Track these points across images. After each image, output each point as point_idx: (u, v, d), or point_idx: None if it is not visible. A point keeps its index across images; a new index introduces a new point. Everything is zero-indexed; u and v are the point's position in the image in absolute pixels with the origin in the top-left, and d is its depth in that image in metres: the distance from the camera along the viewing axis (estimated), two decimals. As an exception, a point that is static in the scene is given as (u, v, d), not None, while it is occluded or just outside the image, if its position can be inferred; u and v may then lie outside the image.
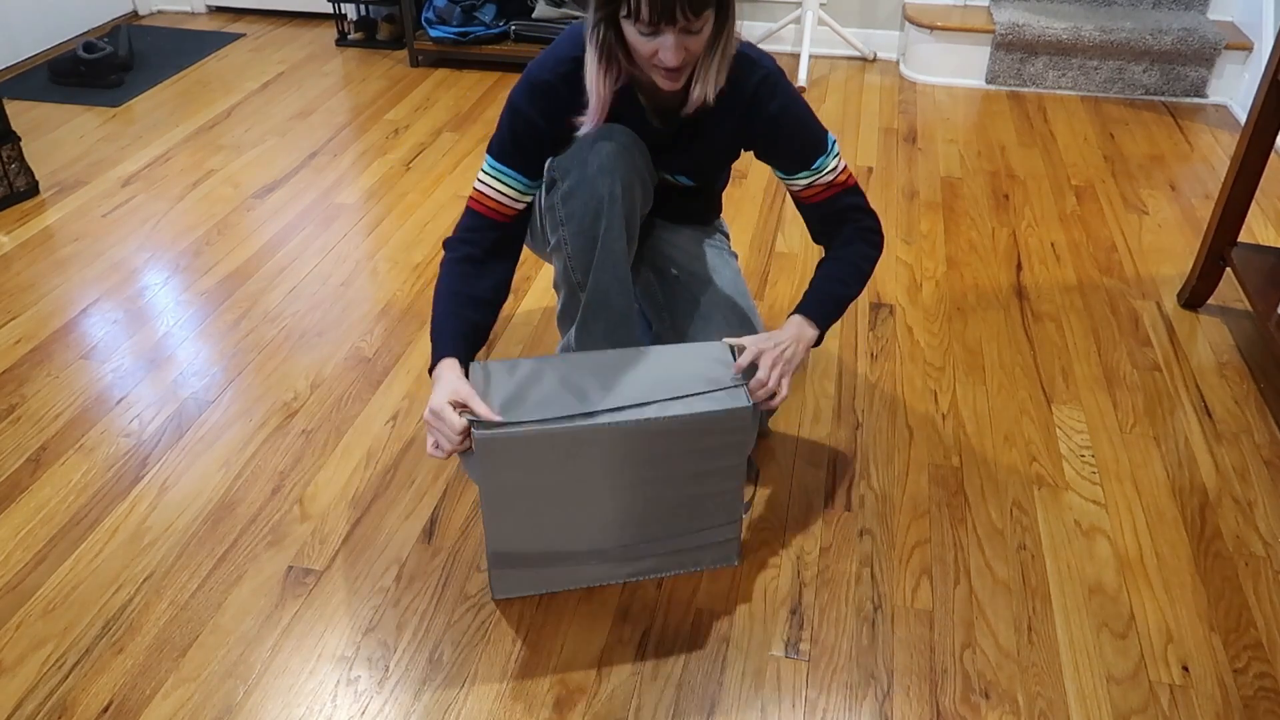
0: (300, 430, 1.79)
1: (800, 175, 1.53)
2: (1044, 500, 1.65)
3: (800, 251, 2.36)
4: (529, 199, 1.51)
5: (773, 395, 1.41)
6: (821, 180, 1.53)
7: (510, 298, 2.18)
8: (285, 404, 1.86)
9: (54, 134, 2.98)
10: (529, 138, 1.46)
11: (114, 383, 1.92)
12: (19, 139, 2.55)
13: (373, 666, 1.36)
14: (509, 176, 1.47)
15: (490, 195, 1.48)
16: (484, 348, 2.01)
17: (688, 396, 1.34)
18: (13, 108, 3.15)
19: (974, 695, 1.33)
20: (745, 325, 1.67)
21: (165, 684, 1.33)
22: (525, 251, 2.35)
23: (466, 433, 1.28)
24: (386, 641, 1.40)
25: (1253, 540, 1.58)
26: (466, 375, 1.35)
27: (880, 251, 1.58)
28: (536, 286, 2.23)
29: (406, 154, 2.87)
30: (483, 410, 1.28)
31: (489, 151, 1.48)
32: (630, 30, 1.30)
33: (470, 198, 1.50)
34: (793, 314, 1.51)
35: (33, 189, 2.61)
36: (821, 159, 1.51)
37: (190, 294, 2.20)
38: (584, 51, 1.39)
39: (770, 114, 1.47)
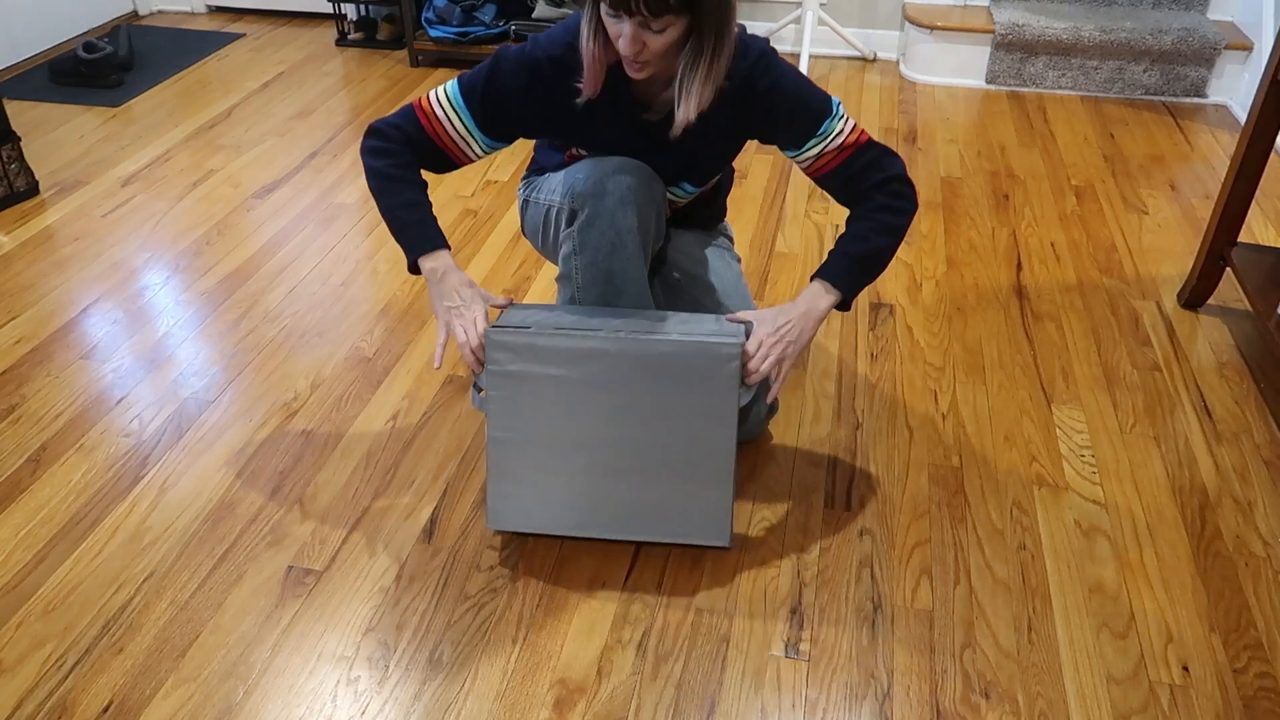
0: (300, 430, 1.79)
1: (809, 145, 1.48)
2: (1044, 500, 1.65)
3: (800, 251, 2.36)
4: (480, 156, 1.52)
5: (767, 376, 1.44)
6: (831, 145, 1.47)
7: (511, 298, 2.18)
8: (285, 404, 1.86)
9: (54, 134, 2.98)
10: (501, 102, 1.46)
11: (114, 383, 1.92)
12: (19, 139, 2.55)
13: (373, 666, 1.36)
14: (468, 122, 1.47)
15: (442, 122, 1.47)
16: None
17: (687, 336, 1.42)
18: (13, 108, 3.15)
19: (974, 695, 1.33)
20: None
21: (165, 684, 1.33)
22: (526, 248, 2.37)
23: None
24: (386, 641, 1.40)
25: (1253, 540, 1.58)
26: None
27: (909, 202, 1.48)
28: (537, 286, 2.23)
29: (406, 154, 2.87)
30: (477, 350, 1.41)
31: (459, 81, 1.47)
32: (603, 10, 1.32)
33: (418, 105, 1.48)
34: (812, 279, 1.49)
35: (33, 189, 2.61)
36: (827, 122, 1.46)
37: (190, 294, 2.20)
38: (581, 39, 1.40)
39: (762, 91, 1.44)
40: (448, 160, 1.52)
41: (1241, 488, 1.68)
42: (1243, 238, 2.37)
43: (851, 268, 1.47)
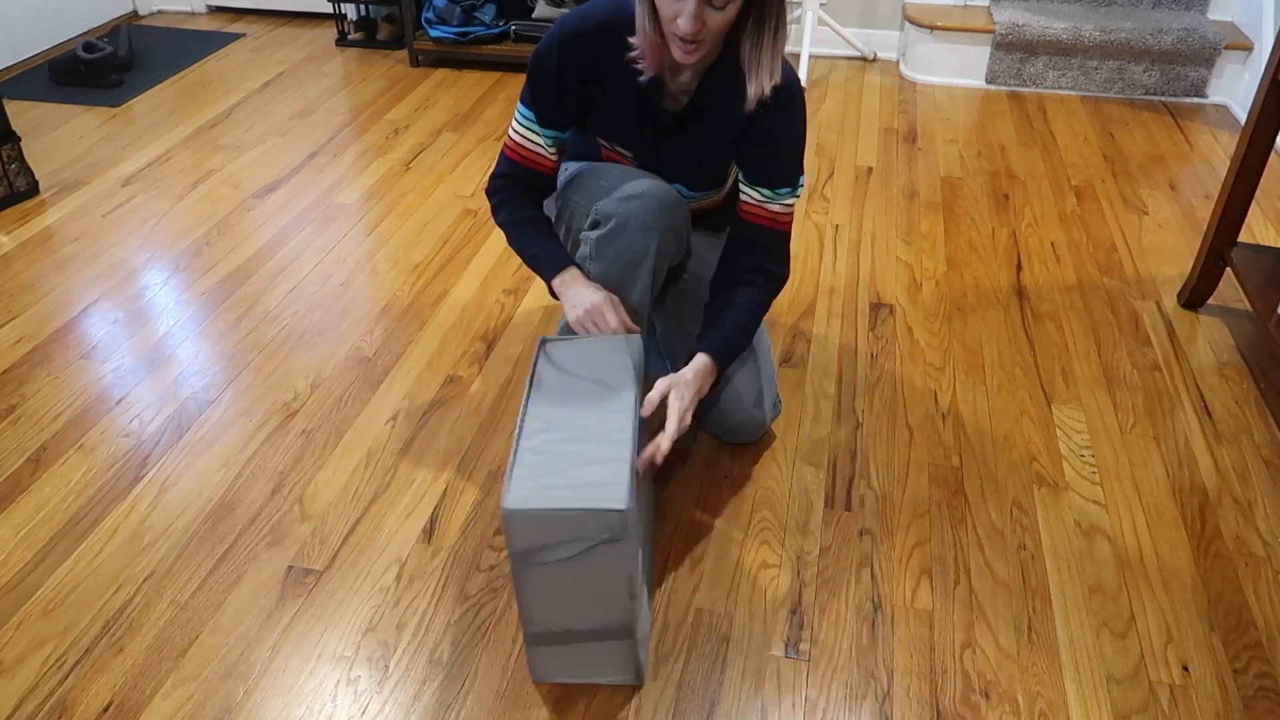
0: (300, 430, 1.79)
1: (761, 189, 1.53)
2: (1044, 500, 1.65)
3: (799, 252, 2.36)
4: (546, 155, 1.56)
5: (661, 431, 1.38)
6: (773, 207, 1.54)
7: (510, 298, 2.18)
8: (285, 404, 1.86)
9: (54, 134, 2.98)
10: (544, 88, 1.49)
11: (114, 383, 1.92)
12: (19, 139, 2.55)
13: (373, 666, 1.36)
14: (529, 121, 1.52)
15: (522, 145, 1.55)
16: (486, 346, 2.01)
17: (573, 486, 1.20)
18: (13, 108, 3.15)
19: (974, 695, 1.33)
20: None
21: (165, 684, 1.33)
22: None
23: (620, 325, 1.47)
24: (386, 641, 1.40)
25: (1253, 540, 1.58)
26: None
27: (771, 301, 1.61)
28: (537, 286, 2.23)
29: (406, 154, 2.87)
30: (623, 318, 1.47)
31: (520, 99, 1.54)
32: None
33: (505, 145, 1.57)
34: (701, 353, 1.49)
35: (33, 189, 2.61)
36: (789, 188, 1.53)
37: (190, 294, 2.20)
38: (613, 16, 1.42)
39: (775, 119, 1.46)
40: (544, 177, 1.59)
41: (1241, 488, 1.68)
42: (1243, 238, 2.36)
43: (732, 356, 1.55)
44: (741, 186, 1.56)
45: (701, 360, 1.48)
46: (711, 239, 1.77)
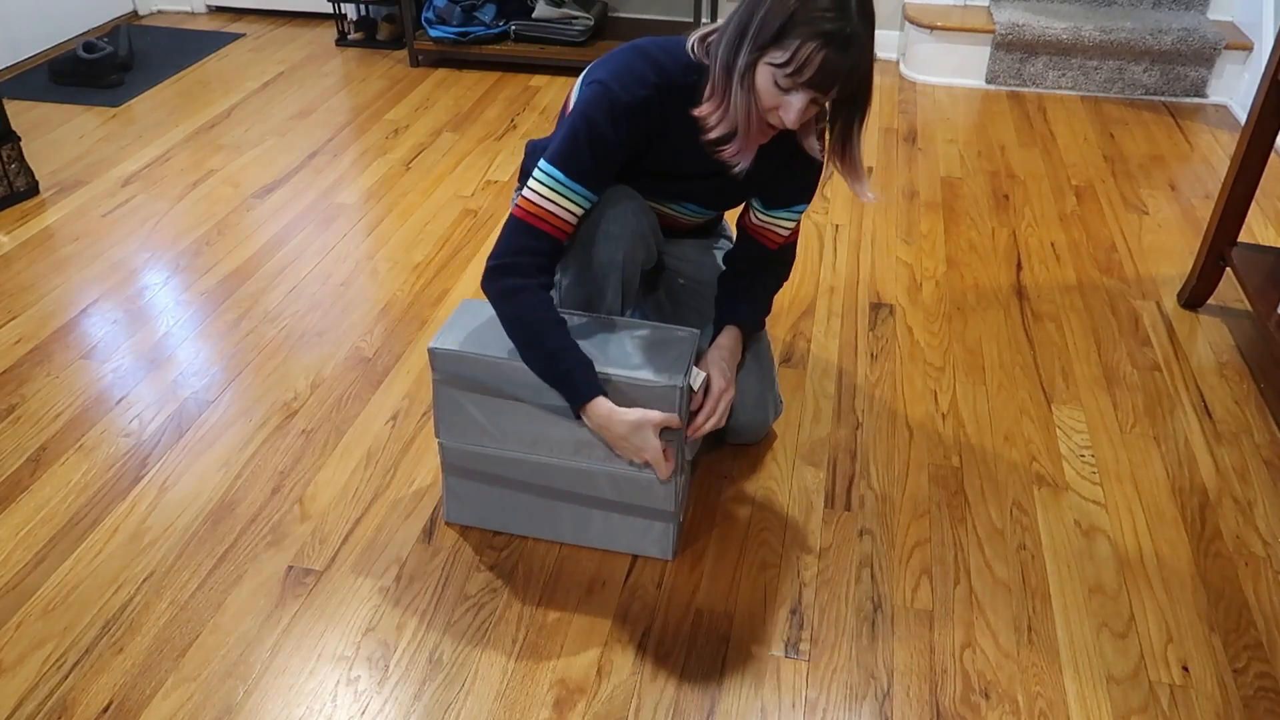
0: (300, 430, 1.79)
1: (782, 213, 1.56)
2: (1044, 500, 1.65)
3: (800, 252, 2.36)
4: (577, 220, 1.42)
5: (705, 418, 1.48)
6: (790, 224, 1.58)
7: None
8: (285, 404, 1.86)
9: (54, 134, 2.98)
10: (608, 158, 1.38)
11: (114, 383, 1.92)
12: (19, 139, 2.55)
13: (373, 666, 1.36)
14: (579, 194, 1.38)
15: (554, 213, 1.37)
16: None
17: (635, 367, 1.39)
18: (13, 108, 3.15)
19: (974, 695, 1.33)
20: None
21: (165, 684, 1.33)
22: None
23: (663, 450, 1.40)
24: (386, 641, 1.40)
25: (1253, 540, 1.58)
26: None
27: (779, 288, 1.69)
28: (536, 286, 2.23)
29: (406, 154, 2.87)
30: (672, 421, 1.38)
31: (557, 166, 1.36)
32: (765, 75, 1.24)
33: (527, 212, 1.37)
34: (730, 325, 1.58)
35: (33, 189, 2.61)
36: (802, 206, 1.57)
37: (190, 294, 2.20)
38: (661, 77, 1.35)
39: (809, 158, 1.45)
40: (562, 246, 1.42)
41: (1241, 488, 1.68)
42: (1243, 238, 2.36)
43: (757, 328, 1.64)
44: (762, 216, 1.58)
45: (733, 331, 1.57)
46: (706, 242, 1.78)
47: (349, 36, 3.78)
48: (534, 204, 1.37)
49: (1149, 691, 1.34)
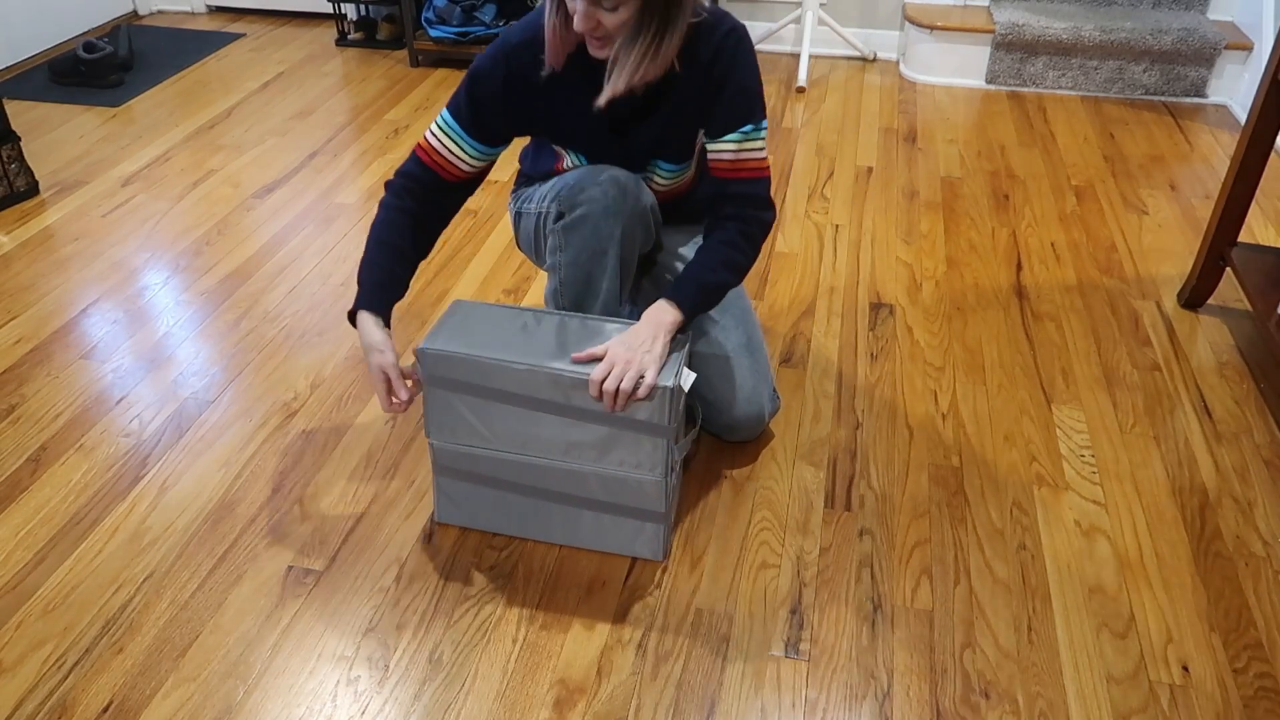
0: (300, 430, 1.79)
1: (728, 138, 1.49)
2: (1044, 500, 1.65)
3: (800, 251, 2.36)
4: (476, 166, 1.55)
5: (618, 392, 1.38)
6: (744, 153, 1.50)
7: (510, 298, 2.19)
8: (285, 404, 1.86)
9: (54, 134, 2.98)
10: (484, 99, 1.48)
11: (114, 383, 1.92)
12: (19, 139, 2.55)
13: (373, 666, 1.36)
14: (458, 135, 1.51)
15: (437, 150, 1.52)
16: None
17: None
18: (13, 108, 3.15)
19: (974, 695, 1.33)
20: (741, 322, 1.67)
21: (165, 684, 1.33)
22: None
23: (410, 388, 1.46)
24: (386, 641, 1.40)
25: (1253, 540, 1.58)
26: (388, 324, 1.50)
27: (754, 248, 1.54)
28: (536, 287, 2.23)
29: (406, 154, 2.87)
30: (396, 382, 1.44)
31: (446, 107, 1.52)
32: None
33: (418, 145, 1.54)
34: (661, 299, 1.47)
35: (33, 189, 2.61)
36: (753, 128, 1.49)
37: (190, 294, 2.20)
38: (504, 41, 1.44)
39: (722, 66, 1.46)
40: (450, 186, 1.56)
41: (1241, 488, 1.68)
42: (1243, 238, 2.37)
43: (697, 294, 1.48)
44: (710, 147, 1.52)
45: (655, 306, 1.45)
46: (689, 231, 1.77)
47: (349, 36, 3.78)
48: (425, 139, 1.54)
49: (1149, 691, 1.34)
